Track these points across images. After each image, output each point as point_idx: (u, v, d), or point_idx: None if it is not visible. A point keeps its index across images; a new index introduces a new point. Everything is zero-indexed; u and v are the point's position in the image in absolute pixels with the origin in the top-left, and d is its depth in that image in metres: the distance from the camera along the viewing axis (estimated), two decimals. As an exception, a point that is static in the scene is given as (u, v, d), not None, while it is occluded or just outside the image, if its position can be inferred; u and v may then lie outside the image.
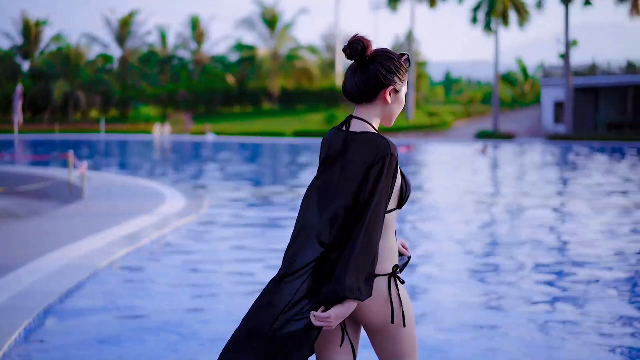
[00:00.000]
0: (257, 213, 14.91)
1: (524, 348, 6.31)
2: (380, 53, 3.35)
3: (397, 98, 3.40)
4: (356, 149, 3.30)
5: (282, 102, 71.01)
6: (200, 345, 6.27)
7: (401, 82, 3.38)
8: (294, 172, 26.04)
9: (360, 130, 3.37)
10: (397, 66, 3.36)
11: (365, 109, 3.39)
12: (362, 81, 3.34)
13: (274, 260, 9.94)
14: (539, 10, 58.47)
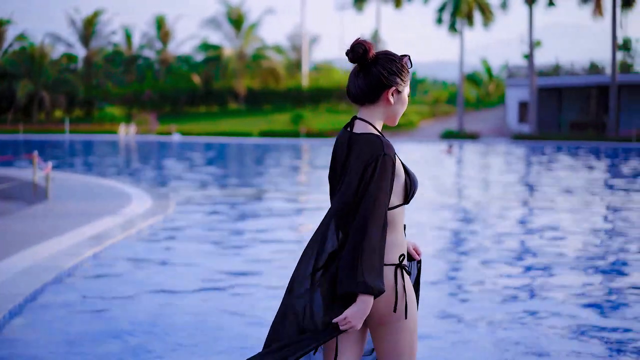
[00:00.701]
0: (223, 213, 14.90)
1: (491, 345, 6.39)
2: (382, 55, 3.45)
3: (400, 98, 3.50)
4: (356, 150, 3.40)
5: (248, 102, 70.91)
6: (168, 346, 6.27)
7: (403, 83, 3.48)
8: (260, 172, 26.05)
9: (362, 131, 3.46)
10: (399, 67, 3.45)
11: (368, 110, 3.49)
12: (364, 83, 3.44)
13: (240, 259, 9.96)
14: (503, 11, 58.94)
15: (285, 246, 11.16)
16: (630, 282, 8.95)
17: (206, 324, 6.93)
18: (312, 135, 55.10)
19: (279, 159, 33.75)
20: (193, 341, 6.40)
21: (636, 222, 13.89)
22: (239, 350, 6.17)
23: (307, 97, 69.84)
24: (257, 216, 14.50)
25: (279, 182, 21.98)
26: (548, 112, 58.73)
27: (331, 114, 66.07)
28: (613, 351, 6.24)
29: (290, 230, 12.93)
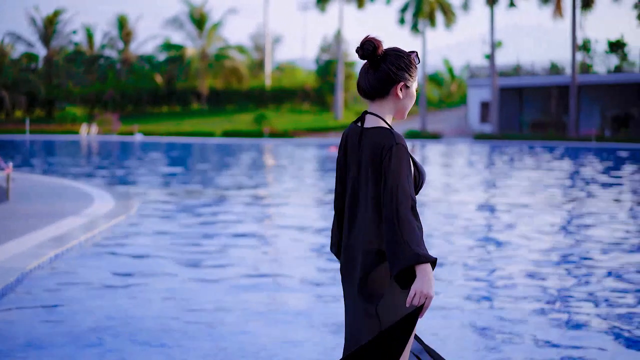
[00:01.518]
0: (186, 213, 14.87)
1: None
2: (391, 52, 3.60)
3: (408, 93, 3.64)
4: (368, 143, 3.56)
5: (210, 102, 70.70)
6: (132, 347, 6.26)
7: (411, 78, 3.62)
8: (223, 172, 26.00)
9: (373, 125, 3.60)
10: (407, 63, 3.59)
11: (378, 104, 3.63)
12: (374, 79, 3.58)
13: (203, 260, 9.95)
14: (465, 12, 59.39)
15: (249, 245, 11.17)
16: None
17: (170, 325, 6.93)
18: (275, 135, 55.08)
19: (243, 159, 33.71)
20: (158, 342, 6.40)
21: (587, 221, 14.08)
22: (202, 350, 6.18)
23: (270, 97, 69.81)
24: (220, 216, 14.48)
25: (242, 182, 21.96)
26: (509, 112, 59.26)
27: (294, 114, 66.12)
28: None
29: (254, 230, 12.94)
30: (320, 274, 9.39)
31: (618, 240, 11.94)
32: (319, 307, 7.70)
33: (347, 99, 70.11)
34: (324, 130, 59.39)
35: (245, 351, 6.20)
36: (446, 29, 60.45)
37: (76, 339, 6.41)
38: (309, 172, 27.10)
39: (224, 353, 6.14)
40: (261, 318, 7.26)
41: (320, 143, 49.55)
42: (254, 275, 9.21)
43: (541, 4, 55.87)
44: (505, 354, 6.16)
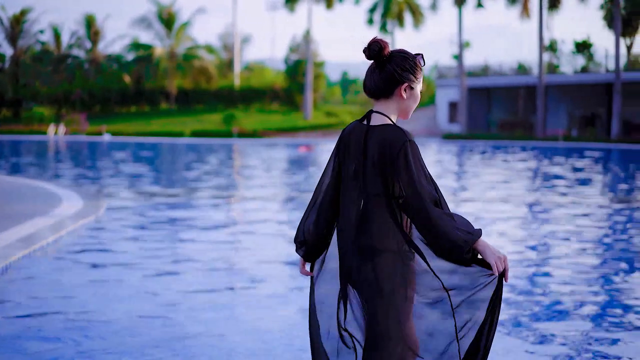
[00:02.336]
0: (155, 213, 14.84)
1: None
2: (397, 53, 3.71)
3: (412, 94, 3.74)
4: (377, 140, 3.64)
5: (179, 101, 70.43)
6: (101, 348, 6.27)
7: (416, 79, 3.72)
8: (192, 172, 25.94)
9: (380, 123, 3.70)
10: (412, 65, 3.70)
11: (383, 104, 3.73)
12: (380, 79, 3.69)
13: (171, 259, 9.96)
14: (433, 12, 59.66)
15: (216, 245, 11.18)
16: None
17: (138, 327, 6.94)
18: (244, 135, 55.01)
19: (211, 158, 33.65)
20: (124, 348, 6.40)
21: (553, 220, 14.24)
22: (170, 352, 6.19)
23: (239, 97, 69.66)
24: (189, 216, 14.47)
25: (211, 182, 21.93)
26: (477, 112, 59.63)
27: (263, 114, 66.06)
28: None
29: (221, 229, 12.95)
30: (292, 271, 9.44)
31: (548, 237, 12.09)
32: (290, 308, 7.74)
33: (316, 99, 70.19)
34: (293, 130, 59.41)
35: (214, 351, 6.23)
36: (415, 29, 60.74)
37: (44, 340, 6.40)
38: (280, 172, 27.12)
39: (191, 353, 6.17)
40: (230, 319, 7.29)
41: (289, 143, 49.57)
42: (223, 275, 9.23)
43: (509, 4, 56.29)
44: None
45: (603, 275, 9.30)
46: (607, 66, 56.51)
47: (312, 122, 63.14)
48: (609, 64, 55.95)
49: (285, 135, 57.06)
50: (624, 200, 18.14)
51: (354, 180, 3.71)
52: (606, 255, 10.85)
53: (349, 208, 3.71)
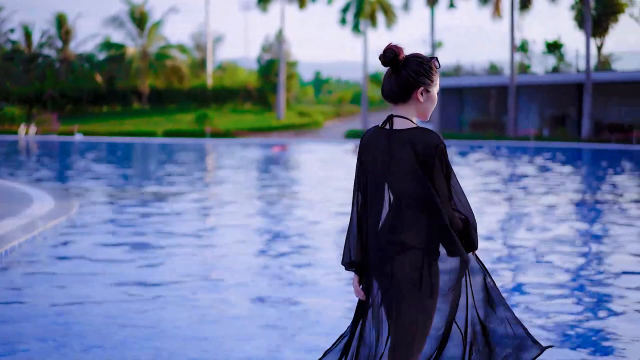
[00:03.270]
0: (127, 214, 14.80)
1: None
2: (412, 58, 3.84)
3: (429, 97, 3.86)
4: (406, 143, 3.76)
5: (152, 101, 70.10)
6: (75, 351, 6.26)
7: (431, 82, 3.84)
8: (164, 172, 25.87)
9: (405, 127, 3.82)
10: (427, 69, 3.82)
11: (402, 108, 3.86)
12: (396, 84, 3.84)
13: (145, 260, 9.95)
14: (406, 12, 59.83)
15: (188, 245, 11.19)
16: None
17: (111, 329, 6.93)
18: (217, 135, 54.89)
19: (184, 158, 33.56)
20: (95, 355, 6.40)
21: (518, 218, 14.37)
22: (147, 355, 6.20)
23: (211, 96, 69.45)
24: (161, 216, 14.45)
25: (183, 182, 21.89)
26: (449, 112, 59.89)
27: (236, 114, 65.92)
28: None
29: (194, 229, 12.95)
30: (262, 274, 9.46)
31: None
32: (262, 309, 7.77)
33: (289, 99, 70.15)
34: (266, 130, 59.34)
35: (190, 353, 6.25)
36: (387, 29, 60.86)
37: (18, 342, 6.38)
38: (254, 171, 27.11)
39: (167, 353, 6.18)
40: (204, 321, 7.31)
41: (262, 143, 49.54)
42: (195, 276, 9.24)
43: (480, 5, 56.58)
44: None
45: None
46: (577, 66, 56.96)
47: (285, 122, 63.11)
48: (580, 64, 56.42)
49: (258, 135, 57.00)
50: (586, 198, 18.34)
51: (380, 184, 3.82)
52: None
53: (377, 210, 3.83)
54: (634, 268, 9.89)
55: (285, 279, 9.08)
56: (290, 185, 21.86)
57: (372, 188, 3.86)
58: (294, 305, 7.82)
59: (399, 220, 3.75)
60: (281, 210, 15.87)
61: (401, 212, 3.75)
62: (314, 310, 7.56)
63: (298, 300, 8.00)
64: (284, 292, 8.40)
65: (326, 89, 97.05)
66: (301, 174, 26.99)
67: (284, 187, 21.08)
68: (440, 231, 3.72)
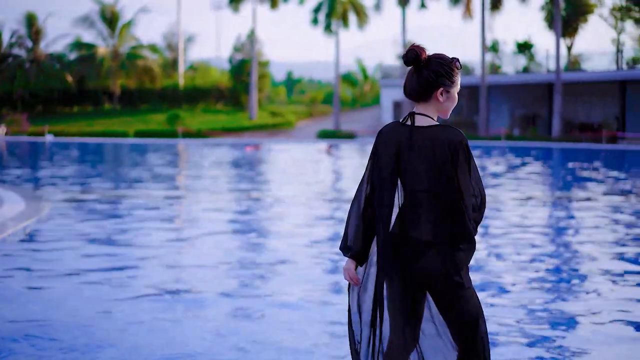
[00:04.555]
0: (98, 214, 14.74)
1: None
2: (434, 59, 3.96)
3: (449, 96, 3.99)
4: (428, 140, 3.89)
5: (123, 101, 69.74)
6: (41, 354, 6.24)
7: (451, 83, 3.97)
8: (136, 173, 25.76)
9: (427, 124, 3.96)
10: (447, 69, 3.95)
11: (423, 106, 4.01)
12: (417, 83, 3.97)
13: (115, 262, 9.92)
14: (377, 12, 59.95)
15: (159, 246, 11.16)
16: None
17: (80, 330, 6.92)
18: (189, 135, 54.73)
19: (156, 159, 33.44)
20: (67, 346, 6.39)
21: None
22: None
23: (183, 96, 69.21)
24: (132, 217, 14.40)
25: (155, 183, 21.82)
26: (421, 112, 60.04)
27: (208, 114, 65.74)
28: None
29: (166, 230, 12.92)
30: (237, 273, 9.47)
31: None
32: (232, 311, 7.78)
33: (261, 99, 70.06)
34: (238, 130, 59.23)
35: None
36: (359, 29, 60.95)
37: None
38: (228, 171, 27.07)
39: (138, 354, 6.18)
40: (173, 325, 7.31)
41: (235, 143, 49.47)
42: (165, 278, 9.23)
43: (451, 5, 56.82)
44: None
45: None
46: (548, 66, 57.38)
47: (258, 122, 63.03)
48: (550, 64, 56.83)
49: (231, 135, 56.91)
50: (553, 196, 18.51)
51: (393, 179, 3.92)
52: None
53: (387, 205, 3.92)
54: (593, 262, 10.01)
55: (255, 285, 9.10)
56: (265, 185, 21.85)
57: (384, 182, 3.96)
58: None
59: (416, 217, 3.86)
60: (258, 210, 15.87)
61: (418, 208, 3.85)
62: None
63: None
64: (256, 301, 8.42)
65: (298, 89, 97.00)
66: (276, 174, 26.98)
67: (259, 187, 21.08)
68: (459, 227, 3.84)
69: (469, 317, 3.87)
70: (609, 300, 8.03)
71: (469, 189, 3.87)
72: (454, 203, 3.82)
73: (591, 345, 6.49)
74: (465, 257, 3.85)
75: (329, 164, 31.38)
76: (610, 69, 52.85)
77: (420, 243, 3.83)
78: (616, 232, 12.88)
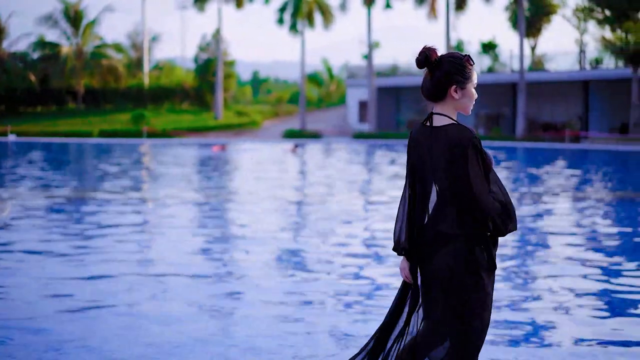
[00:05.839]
0: (63, 215, 14.64)
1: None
2: (446, 58, 4.08)
3: (465, 93, 4.08)
4: (444, 140, 3.99)
5: (87, 101, 69.18)
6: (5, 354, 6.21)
7: (464, 80, 4.05)
8: (99, 173, 25.61)
9: (442, 123, 4.06)
10: (459, 67, 4.04)
11: (440, 105, 4.11)
12: (431, 84, 4.09)
13: (82, 263, 9.87)
14: (343, 12, 60.04)
15: (122, 246, 11.12)
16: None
17: (41, 334, 6.88)
18: (154, 135, 54.45)
19: (119, 159, 33.25)
20: (36, 348, 6.36)
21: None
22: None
23: (148, 96, 68.81)
24: (96, 218, 14.32)
25: (118, 183, 21.70)
26: (387, 112, 60.32)
27: (173, 114, 65.45)
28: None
29: (128, 230, 12.87)
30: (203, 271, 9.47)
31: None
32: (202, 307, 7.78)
33: (227, 98, 69.87)
34: (204, 130, 59.03)
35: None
36: (325, 29, 61.00)
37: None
38: (194, 172, 26.98)
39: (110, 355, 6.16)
40: (142, 323, 7.29)
41: (200, 143, 49.32)
42: (129, 278, 9.20)
43: (416, 5, 57.06)
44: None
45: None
46: (512, 66, 57.84)
47: (223, 121, 62.87)
48: (514, 64, 57.30)
49: (196, 135, 56.71)
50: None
51: (427, 180, 4.08)
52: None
53: (423, 206, 4.09)
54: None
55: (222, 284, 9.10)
56: (233, 185, 21.82)
57: (420, 184, 4.14)
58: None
59: (441, 213, 4.01)
60: (224, 210, 15.85)
61: (443, 205, 4.01)
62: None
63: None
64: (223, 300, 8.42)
65: (264, 88, 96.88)
66: (244, 173, 26.94)
67: (226, 187, 21.05)
68: (479, 222, 3.95)
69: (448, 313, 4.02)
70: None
71: (483, 185, 3.95)
72: (468, 201, 3.94)
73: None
74: (481, 256, 3.97)
75: (295, 163, 31.38)
76: (573, 69, 53.42)
77: (442, 236, 4.00)
78: (566, 228, 13.04)
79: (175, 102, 69.07)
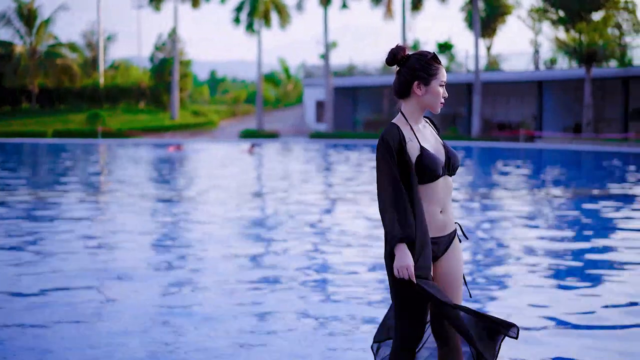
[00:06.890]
0: (16, 216, 14.48)
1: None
2: (412, 56, 4.16)
3: (428, 90, 4.14)
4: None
5: (41, 101, 68.43)
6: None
7: (428, 76, 4.11)
8: (53, 174, 25.36)
9: (395, 121, 4.19)
10: (423, 64, 4.11)
11: (405, 103, 4.22)
12: (397, 82, 4.21)
13: (39, 266, 9.77)
14: (299, 12, 60.11)
15: (78, 248, 11.04)
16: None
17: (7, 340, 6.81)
18: (109, 135, 54.03)
19: (74, 159, 32.93)
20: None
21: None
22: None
23: (104, 95, 68.24)
24: (50, 219, 14.18)
25: (73, 184, 21.51)
26: (344, 112, 60.48)
27: (129, 114, 64.99)
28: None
29: (83, 232, 12.77)
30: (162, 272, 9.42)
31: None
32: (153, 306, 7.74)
33: (184, 98, 69.53)
34: (160, 130, 58.71)
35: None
36: (281, 29, 61.01)
37: None
38: (147, 171, 26.83)
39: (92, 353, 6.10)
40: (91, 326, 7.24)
41: (156, 143, 49.05)
42: (84, 277, 9.13)
43: (373, 5, 57.31)
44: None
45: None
46: (467, 66, 58.34)
47: (180, 121, 62.58)
48: (470, 64, 57.79)
49: (152, 135, 56.38)
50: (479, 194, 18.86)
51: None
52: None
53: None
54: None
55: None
56: (187, 186, 21.73)
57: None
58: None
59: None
60: (184, 210, 15.78)
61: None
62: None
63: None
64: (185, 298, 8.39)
65: (222, 88, 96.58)
66: (199, 174, 26.84)
67: (181, 188, 20.96)
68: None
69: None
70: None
71: (381, 182, 4.04)
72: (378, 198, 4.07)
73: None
74: (386, 248, 4.05)
75: (251, 163, 31.35)
76: (528, 69, 54.01)
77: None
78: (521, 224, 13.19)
79: (131, 101, 68.57)
